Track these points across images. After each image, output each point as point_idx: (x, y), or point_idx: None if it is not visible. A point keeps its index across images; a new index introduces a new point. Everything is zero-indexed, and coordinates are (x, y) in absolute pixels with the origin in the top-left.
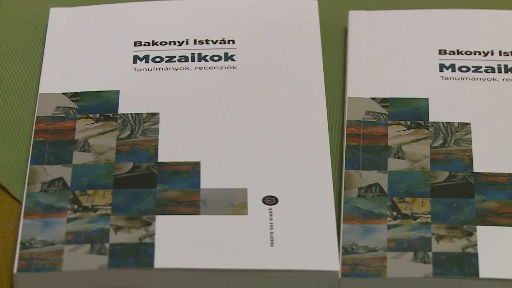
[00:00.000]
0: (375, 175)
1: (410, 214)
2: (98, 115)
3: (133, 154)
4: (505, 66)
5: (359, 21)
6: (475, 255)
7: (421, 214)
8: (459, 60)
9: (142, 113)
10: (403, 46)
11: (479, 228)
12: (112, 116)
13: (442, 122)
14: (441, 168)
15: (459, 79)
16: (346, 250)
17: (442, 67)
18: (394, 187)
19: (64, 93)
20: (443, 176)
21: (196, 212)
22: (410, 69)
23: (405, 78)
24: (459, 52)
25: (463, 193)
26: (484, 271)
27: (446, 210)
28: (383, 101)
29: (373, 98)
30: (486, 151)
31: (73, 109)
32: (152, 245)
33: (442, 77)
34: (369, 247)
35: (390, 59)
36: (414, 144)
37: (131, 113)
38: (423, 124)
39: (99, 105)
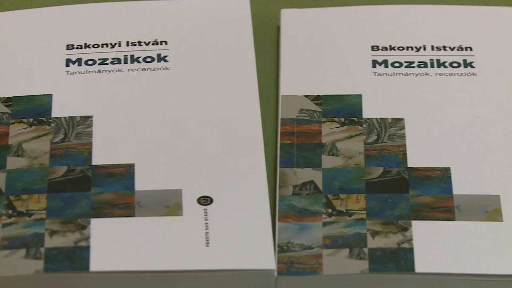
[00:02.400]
0: (310, 172)
1: (345, 211)
2: (31, 120)
3: (67, 158)
4: (438, 60)
5: (291, 19)
6: (411, 250)
7: (356, 210)
8: (391, 56)
9: (75, 117)
10: (335, 43)
11: (414, 223)
12: (45, 120)
13: (376, 118)
14: (375, 164)
15: (392, 74)
16: (281, 249)
17: (375, 63)
18: (328, 184)
19: None
20: (377, 172)
21: (131, 214)
22: (343, 66)
23: (338, 75)
24: (391, 48)
25: (397, 189)
26: (420, 266)
27: (381, 206)
28: (316, 99)
29: (306, 96)
30: (419, 146)
31: (6, 114)
32: (87, 249)
33: (375, 73)
34: (305, 245)
35: (323, 57)
36: (348, 141)
37: (65, 117)
38: (356, 120)
39: (32, 109)
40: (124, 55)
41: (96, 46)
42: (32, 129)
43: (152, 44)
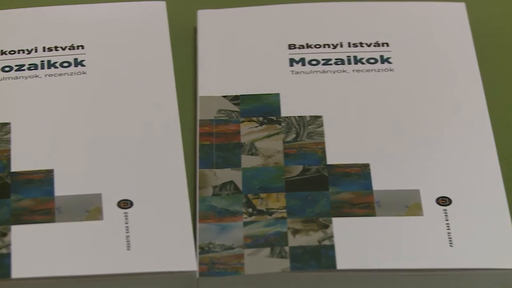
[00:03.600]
0: (229, 172)
1: (265, 210)
2: None
3: None
4: (355, 57)
5: (208, 20)
6: (332, 247)
7: (277, 209)
8: (308, 54)
9: None
10: (252, 42)
11: (335, 220)
12: None
13: (294, 117)
14: (295, 162)
15: (309, 72)
16: (203, 250)
17: (292, 61)
18: (248, 183)
19: None
20: (297, 170)
21: (52, 220)
22: (261, 65)
23: (255, 74)
24: (308, 46)
25: (317, 186)
26: (341, 263)
27: (301, 204)
28: (234, 99)
29: (224, 96)
30: (338, 143)
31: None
32: (8, 256)
33: (292, 71)
34: (226, 245)
35: (240, 57)
36: (267, 140)
37: None
38: (275, 119)
39: None
40: (41, 61)
41: (12, 52)
42: None
43: (69, 49)
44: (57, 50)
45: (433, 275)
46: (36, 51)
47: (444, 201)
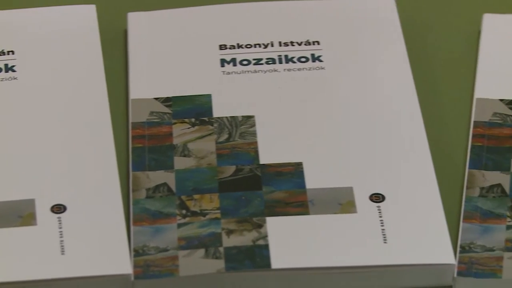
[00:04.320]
0: (162, 175)
1: (199, 211)
2: None
3: None
4: (286, 56)
5: (138, 22)
6: (266, 246)
7: (210, 210)
8: (239, 54)
9: None
10: (183, 44)
11: (269, 220)
12: None
13: (226, 117)
14: (228, 162)
15: (240, 72)
16: (137, 252)
17: (223, 62)
18: (181, 185)
19: None
20: (230, 170)
21: None
22: (192, 66)
23: (187, 76)
24: (239, 46)
25: (250, 186)
26: (276, 262)
27: (235, 204)
28: (166, 101)
29: (156, 98)
30: (271, 142)
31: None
32: None
33: (223, 72)
34: (160, 247)
35: (171, 58)
36: (199, 141)
37: None
38: (207, 120)
39: None
40: None
41: None
42: None
43: (0, 55)
44: None
45: (368, 271)
46: None
47: (377, 198)
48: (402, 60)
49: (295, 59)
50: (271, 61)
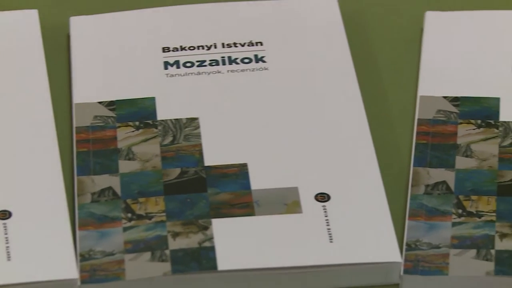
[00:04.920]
0: (107, 178)
1: (145, 214)
2: None
3: None
4: (229, 57)
5: (81, 26)
6: (212, 248)
7: (156, 213)
8: (183, 56)
9: None
10: (126, 47)
11: (214, 221)
12: None
13: (171, 120)
14: (172, 165)
15: (184, 75)
16: (83, 257)
17: (166, 64)
18: (127, 188)
19: None
20: (174, 173)
21: None
22: (135, 69)
23: (130, 79)
24: (182, 48)
25: (195, 188)
26: (222, 264)
27: (181, 207)
28: (110, 104)
29: (100, 102)
30: (215, 144)
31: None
32: None
33: (167, 74)
34: (106, 251)
35: (114, 62)
36: (144, 144)
37: None
38: (151, 123)
39: None
40: None
41: None
42: None
43: None
44: None
45: (315, 271)
46: None
47: (322, 197)
48: (345, 59)
49: (238, 60)
50: (215, 62)
